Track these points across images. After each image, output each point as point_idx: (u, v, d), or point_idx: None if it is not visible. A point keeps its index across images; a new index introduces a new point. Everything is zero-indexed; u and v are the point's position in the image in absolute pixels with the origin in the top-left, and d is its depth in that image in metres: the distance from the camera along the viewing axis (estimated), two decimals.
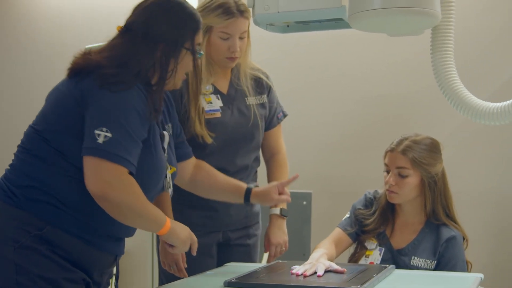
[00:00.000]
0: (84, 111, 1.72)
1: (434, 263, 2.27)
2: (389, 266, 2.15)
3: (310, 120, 3.75)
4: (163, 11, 1.84)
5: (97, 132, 1.67)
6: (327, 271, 2.04)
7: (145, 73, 1.80)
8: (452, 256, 2.27)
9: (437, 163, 2.32)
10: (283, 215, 2.46)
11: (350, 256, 2.42)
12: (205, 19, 2.29)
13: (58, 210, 1.74)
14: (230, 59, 2.35)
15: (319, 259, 2.10)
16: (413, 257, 2.30)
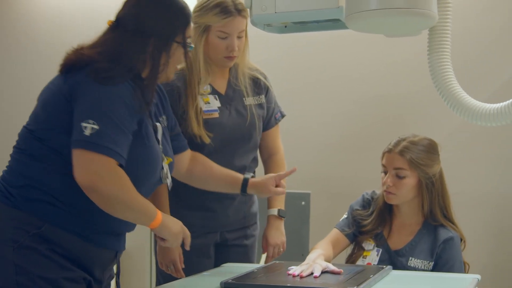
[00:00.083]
0: (73, 106, 1.72)
1: (432, 264, 2.27)
2: (386, 267, 2.15)
3: (308, 121, 3.75)
4: (153, 5, 1.84)
5: (84, 124, 1.67)
6: (323, 272, 2.04)
7: (137, 67, 1.79)
8: (449, 257, 2.26)
9: (435, 164, 2.31)
10: (281, 216, 2.46)
11: (348, 257, 2.42)
12: (202, 18, 2.30)
13: (56, 208, 1.74)
14: (228, 58, 2.35)
15: (316, 260, 2.10)
16: (410, 258, 2.29)
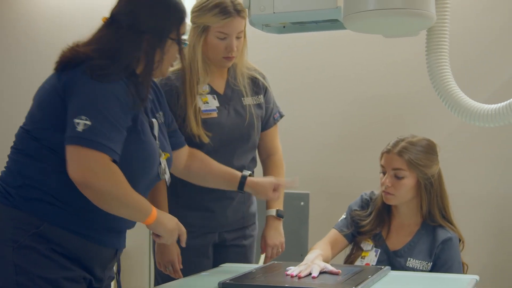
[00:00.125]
0: (67, 103, 1.72)
1: (430, 264, 2.27)
2: (384, 267, 2.15)
3: (307, 121, 3.75)
4: (148, 1, 1.84)
5: (76, 120, 1.67)
6: (322, 272, 2.03)
7: (132, 64, 1.80)
8: (448, 257, 2.26)
9: (433, 164, 2.31)
10: (280, 216, 2.45)
11: (346, 257, 2.42)
12: (201, 19, 2.29)
13: (54, 207, 1.74)
14: (227, 58, 2.35)
15: (314, 260, 2.09)
16: (409, 258, 2.29)
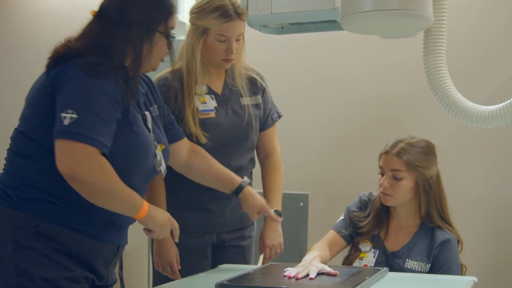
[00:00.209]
0: (55, 99, 1.72)
1: (428, 266, 2.26)
2: (382, 268, 2.14)
3: (305, 122, 3.74)
4: None
5: (63, 115, 1.67)
6: (319, 273, 2.03)
7: (121, 57, 1.80)
8: (446, 259, 2.25)
9: (432, 165, 2.30)
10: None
11: (344, 259, 2.41)
12: (201, 21, 2.29)
13: (52, 205, 1.74)
14: (226, 60, 2.35)
15: (312, 261, 2.09)
16: (407, 259, 2.29)
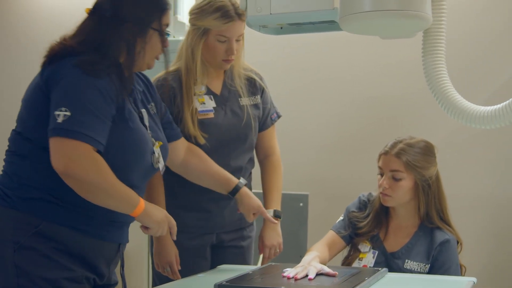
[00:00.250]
0: (50, 98, 1.72)
1: (428, 266, 2.26)
2: (381, 269, 2.14)
3: (304, 122, 3.73)
4: None
5: (56, 112, 1.67)
6: (318, 274, 2.03)
7: (115, 53, 1.80)
8: (445, 259, 2.25)
9: (431, 166, 2.30)
10: (277, 216, 2.44)
11: (344, 259, 2.41)
12: (202, 21, 2.29)
13: (51, 205, 1.74)
14: (226, 61, 2.35)
15: (311, 262, 2.09)
16: (406, 260, 2.28)
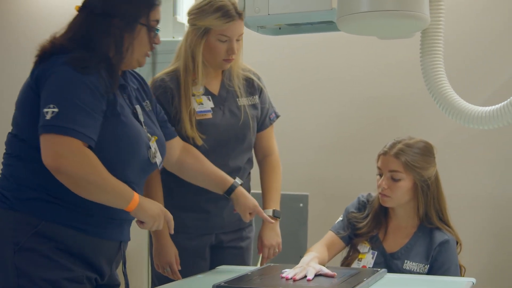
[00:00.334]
0: (40, 96, 1.73)
1: (427, 267, 2.26)
2: (380, 270, 2.14)
3: (304, 122, 3.73)
4: None
5: (45, 110, 1.68)
6: (317, 275, 2.02)
7: (104, 49, 1.80)
8: (445, 260, 2.25)
9: (430, 166, 2.30)
10: (276, 216, 2.44)
11: (343, 260, 2.41)
12: (202, 21, 2.29)
13: (50, 204, 1.75)
14: (227, 60, 2.35)
15: (310, 262, 2.09)
16: (405, 261, 2.28)
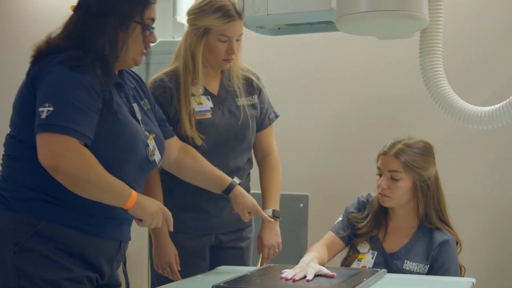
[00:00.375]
0: (36, 96, 1.73)
1: (427, 267, 2.25)
2: (380, 270, 2.14)
3: (304, 123, 3.73)
4: None
5: (41, 109, 1.68)
6: (317, 275, 2.02)
7: (99, 48, 1.80)
8: (445, 260, 2.24)
9: (430, 166, 2.29)
10: (276, 216, 2.44)
11: (343, 260, 2.41)
12: (202, 21, 2.29)
13: (49, 204, 1.75)
14: (227, 60, 2.35)
15: (309, 263, 2.08)
16: (405, 261, 2.28)
